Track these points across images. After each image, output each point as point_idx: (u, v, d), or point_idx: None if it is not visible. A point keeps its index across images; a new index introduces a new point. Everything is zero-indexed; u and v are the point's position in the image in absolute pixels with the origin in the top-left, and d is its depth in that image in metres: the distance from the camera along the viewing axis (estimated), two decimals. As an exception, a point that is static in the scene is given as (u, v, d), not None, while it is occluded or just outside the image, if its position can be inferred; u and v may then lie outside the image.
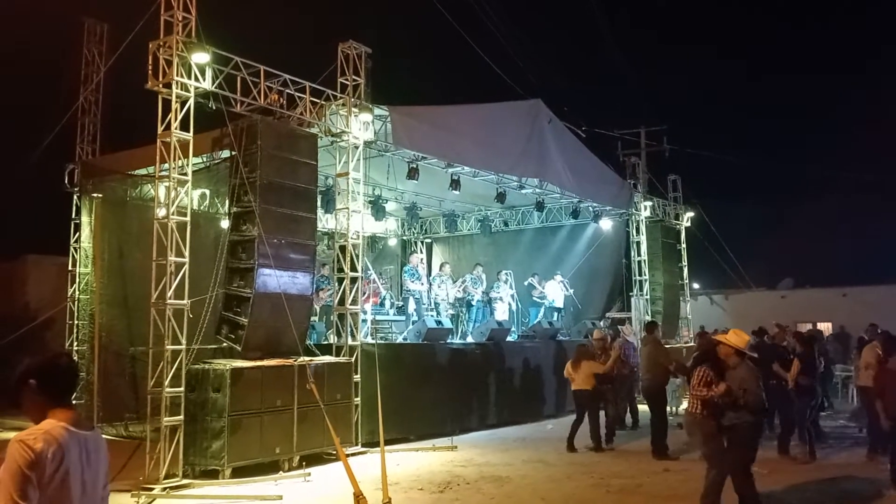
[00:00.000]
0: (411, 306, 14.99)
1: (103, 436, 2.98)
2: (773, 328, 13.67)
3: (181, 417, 8.86)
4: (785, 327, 14.26)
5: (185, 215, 9.29)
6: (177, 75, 9.12)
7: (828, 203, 31.22)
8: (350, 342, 11.03)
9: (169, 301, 8.93)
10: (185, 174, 9.40)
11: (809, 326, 22.21)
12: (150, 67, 9.20)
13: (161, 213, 9.31)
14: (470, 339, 14.69)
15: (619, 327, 16.26)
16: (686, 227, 21.01)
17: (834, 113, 43.49)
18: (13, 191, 13.62)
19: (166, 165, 9.29)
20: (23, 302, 17.60)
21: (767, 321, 14.83)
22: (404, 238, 20.48)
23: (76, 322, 13.19)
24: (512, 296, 16.84)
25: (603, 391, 11.37)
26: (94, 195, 13.01)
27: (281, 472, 9.32)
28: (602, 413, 11.49)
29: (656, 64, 43.82)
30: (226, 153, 10.52)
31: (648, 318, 18.28)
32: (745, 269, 25.03)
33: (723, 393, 6.56)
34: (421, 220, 19.54)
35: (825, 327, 25.44)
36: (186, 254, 9.18)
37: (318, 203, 11.70)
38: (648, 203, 19.40)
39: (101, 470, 2.78)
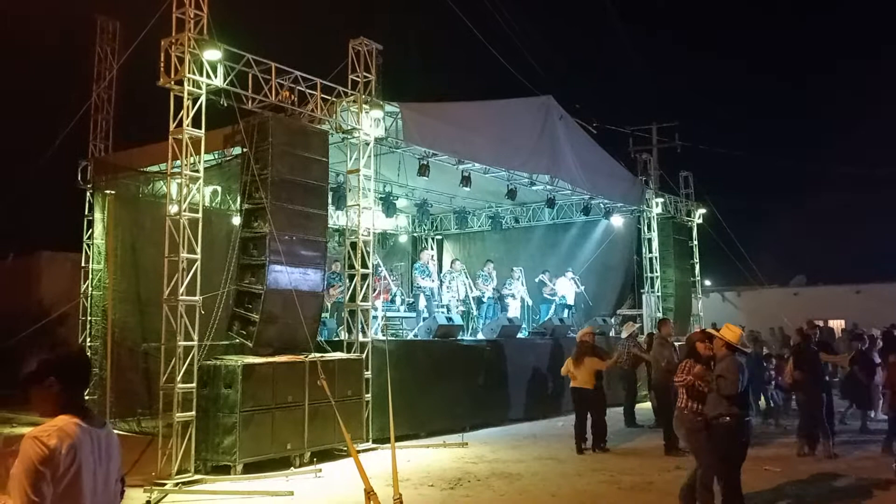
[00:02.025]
0: (422, 303, 15.00)
1: (117, 431, 2.98)
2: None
3: (193, 413, 8.90)
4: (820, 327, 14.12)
5: (196, 212, 9.32)
6: (189, 72, 9.14)
7: (841, 200, 31.03)
8: (361, 339, 11.06)
9: (181, 297, 8.97)
10: (197, 171, 9.44)
11: (821, 324, 22.07)
12: (162, 65, 9.23)
13: (173, 209, 9.35)
14: (480, 336, 14.68)
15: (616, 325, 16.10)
16: (698, 224, 20.87)
17: (847, 109, 43.19)
18: (27, 187, 13.72)
19: (178, 162, 9.33)
20: (36, 298, 17.75)
21: (779, 318, 14.73)
22: (415, 235, 20.48)
23: (89, 318, 13.27)
24: (524, 293, 16.81)
25: (602, 389, 11.05)
26: (107, 192, 13.10)
27: (292, 467, 9.36)
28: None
29: (669, 60, 43.67)
30: (237, 150, 10.54)
31: (660, 314, 18.23)
32: (758, 266, 24.88)
33: (699, 372, 6.76)
34: (432, 216, 19.53)
35: (838, 324, 25.29)
36: (198, 250, 9.21)
37: (329, 200, 11.71)
38: (660, 200, 19.29)
39: (112, 465, 2.79)
